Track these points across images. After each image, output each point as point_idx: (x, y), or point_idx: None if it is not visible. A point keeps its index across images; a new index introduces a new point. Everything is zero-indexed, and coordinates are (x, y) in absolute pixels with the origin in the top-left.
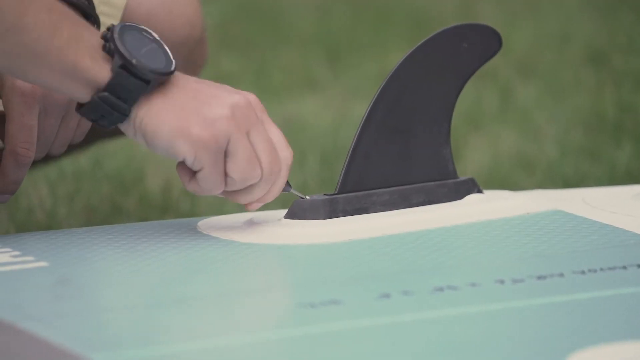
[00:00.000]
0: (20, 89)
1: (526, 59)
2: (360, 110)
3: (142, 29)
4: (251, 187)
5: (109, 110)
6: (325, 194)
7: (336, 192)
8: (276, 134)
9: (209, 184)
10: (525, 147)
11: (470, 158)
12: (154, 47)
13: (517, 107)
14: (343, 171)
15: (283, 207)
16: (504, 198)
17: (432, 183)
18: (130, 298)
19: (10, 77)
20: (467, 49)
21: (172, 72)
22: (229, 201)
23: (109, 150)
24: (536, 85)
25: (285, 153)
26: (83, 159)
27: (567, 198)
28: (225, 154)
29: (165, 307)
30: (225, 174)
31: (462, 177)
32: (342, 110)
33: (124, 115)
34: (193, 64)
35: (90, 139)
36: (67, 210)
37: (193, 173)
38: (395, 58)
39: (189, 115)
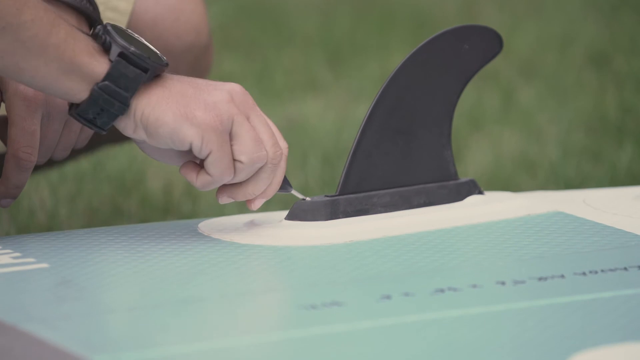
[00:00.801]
0: (23, 94)
1: (528, 60)
2: (362, 111)
3: (128, 30)
4: (257, 176)
5: (109, 100)
6: (326, 196)
7: (337, 193)
8: (271, 123)
9: (219, 169)
10: (527, 148)
11: (471, 159)
12: (143, 43)
13: (519, 109)
14: (344, 172)
15: (284, 209)
16: (505, 199)
17: (433, 184)
18: (132, 300)
19: (13, 81)
20: (468, 50)
21: (167, 64)
22: (230, 204)
23: (110, 152)
24: (538, 86)
25: (283, 143)
26: (84, 161)
27: (568, 199)
28: (230, 138)
29: (166, 308)
30: (233, 160)
31: (463, 179)
32: (343, 111)
33: (125, 105)
34: (198, 70)
35: (92, 145)
36: (68, 211)
37: (199, 168)
38: (397, 59)
39: (190, 101)
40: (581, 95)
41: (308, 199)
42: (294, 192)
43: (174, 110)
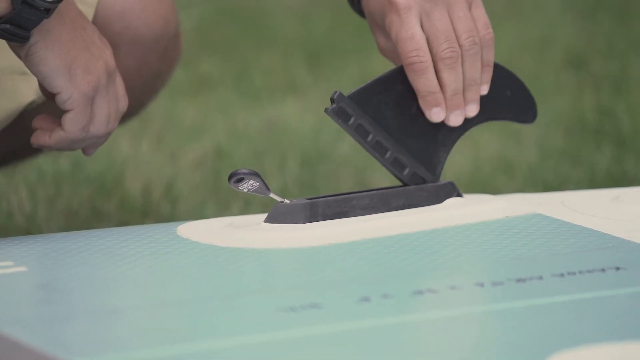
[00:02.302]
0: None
1: (507, 62)
2: None
3: None
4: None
5: (9, 38)
6: (305, 198)
7: (350, 94)
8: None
9: (75, 127)
10: (505, 150)
11: (451, 161)
12: None
13: None
14: (365, 85)
15: (263, 211)
16: (484, 202)
17: (412, 187)
18: (110, 303)
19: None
20: (506, 97)
21: None
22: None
23: None
24: None
25: (114, 124)
26: (63, 162)
27: (546, 202)
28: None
29: (145, 311)
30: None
31: (441, 181)
32: (322, 114)
33: (26, 39)
34: (168, 60)
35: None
36: (46, 213)
37: (52, 128)
38: (376, 62)
39: (78, 55)
40: (559, 97)
41: (287, 201)
42: (272, 195)
43: (61, 58)
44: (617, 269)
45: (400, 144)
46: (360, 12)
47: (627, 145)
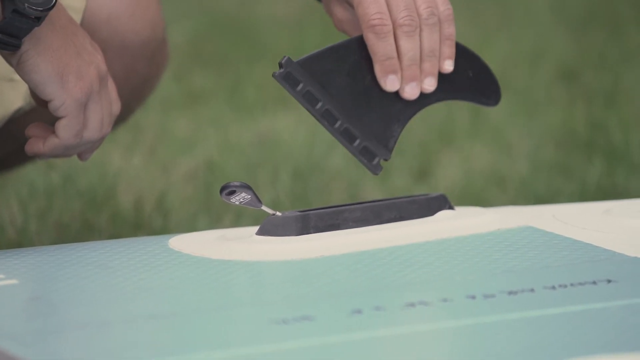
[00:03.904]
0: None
1: (499, 75)
2: None
3: None
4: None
5: (0, 46)
6: (297, 211)
7: (300, 59)
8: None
9: (69, 134)
10: (497, 163)
11: (442, 174)
12: None
13: (489, 124)
14: (315, 52)
15: (255, 224)
16: (475, 214)
17: (404, 199)
18: (102, 315)
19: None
20: (468, 78)
21: (54, 3)
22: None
23: (80, 166)
24: (508, 101)
25: (116, 106)
26: (54, 175)
27: (538, 214)
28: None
29: (136, 324)
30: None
31: (433, 194)
32: (315, 126)
33: (17, 47)
34: (156, 65)
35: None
36: (38, 226)
37: (46, 136)
38: None
39: (70, 61)
40: (551, 110)
41: (279, 213)
42: (264, 207)
43: (53, 65)
44: (609, 281)
45: (352, 115)
46: None
47: (618, 159)
